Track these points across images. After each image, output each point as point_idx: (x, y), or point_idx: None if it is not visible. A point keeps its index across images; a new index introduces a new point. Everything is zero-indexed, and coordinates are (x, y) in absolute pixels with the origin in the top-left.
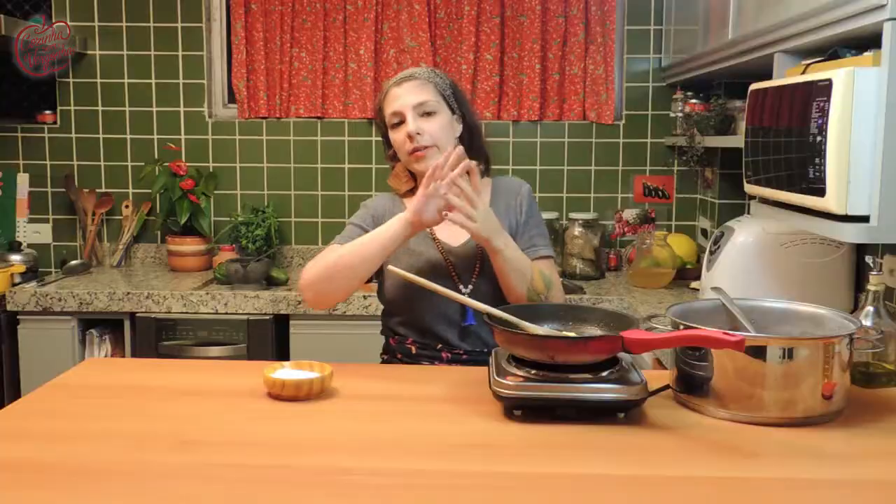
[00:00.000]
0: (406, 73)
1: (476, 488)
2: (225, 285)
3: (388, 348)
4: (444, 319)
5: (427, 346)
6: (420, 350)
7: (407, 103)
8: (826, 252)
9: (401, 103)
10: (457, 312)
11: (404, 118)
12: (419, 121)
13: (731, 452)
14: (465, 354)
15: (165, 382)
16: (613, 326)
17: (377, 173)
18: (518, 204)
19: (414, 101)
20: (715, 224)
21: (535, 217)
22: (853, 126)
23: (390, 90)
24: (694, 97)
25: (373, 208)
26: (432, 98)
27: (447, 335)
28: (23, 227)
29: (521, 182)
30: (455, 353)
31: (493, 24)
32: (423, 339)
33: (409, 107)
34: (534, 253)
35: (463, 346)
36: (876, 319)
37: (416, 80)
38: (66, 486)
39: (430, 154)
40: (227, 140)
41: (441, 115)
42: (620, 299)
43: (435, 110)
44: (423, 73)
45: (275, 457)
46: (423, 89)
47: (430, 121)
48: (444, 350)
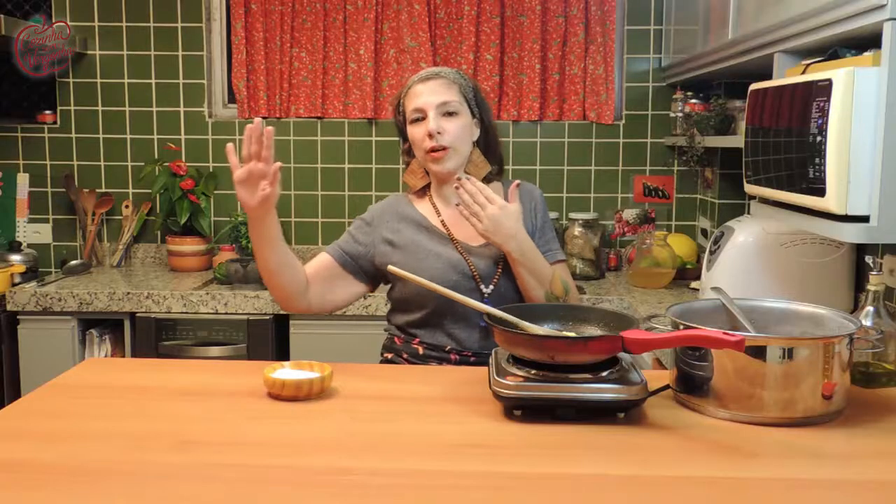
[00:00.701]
0: (433, 71)
1: (476, 488)
2: (225, 285)
3: (392, 347)
4: (464, 320)
5: (436, 347)
6: (428, 350)
7: (431, 101)
8: (826, 252)
9: (424, 100)
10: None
11: (426, 115)
12: (440, 120)
13: (731, 452)
14: (474, 356)
15: (165, 382)
16: (613, 326)
17: (377, 173)
18: (533, 209)
19: (438, 99)
20: (715, 224)
21: (548, 222)
22: (853, 126)
23: (415, 86)
24: (694, 97)
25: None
26: (456, 99)
27: (462, 336)
28: (23, 227)
29: (533, 187)
30: (464, 356)
31: (493, 24)
32: (434, 339)
33: (433, 105)
34: (551, 258)
35: (480, 348)
36: (876, 319)
37: (442, 79)
38: (66, 486)
39: (447, 156)
40: (227, 140)
41: (462, 116)
42: (620, 299)
43: (457, 111)
44: (450, 73)
45: (275, 457)
46: (449, 89)
47: (451, 121)
48: (453, 352)
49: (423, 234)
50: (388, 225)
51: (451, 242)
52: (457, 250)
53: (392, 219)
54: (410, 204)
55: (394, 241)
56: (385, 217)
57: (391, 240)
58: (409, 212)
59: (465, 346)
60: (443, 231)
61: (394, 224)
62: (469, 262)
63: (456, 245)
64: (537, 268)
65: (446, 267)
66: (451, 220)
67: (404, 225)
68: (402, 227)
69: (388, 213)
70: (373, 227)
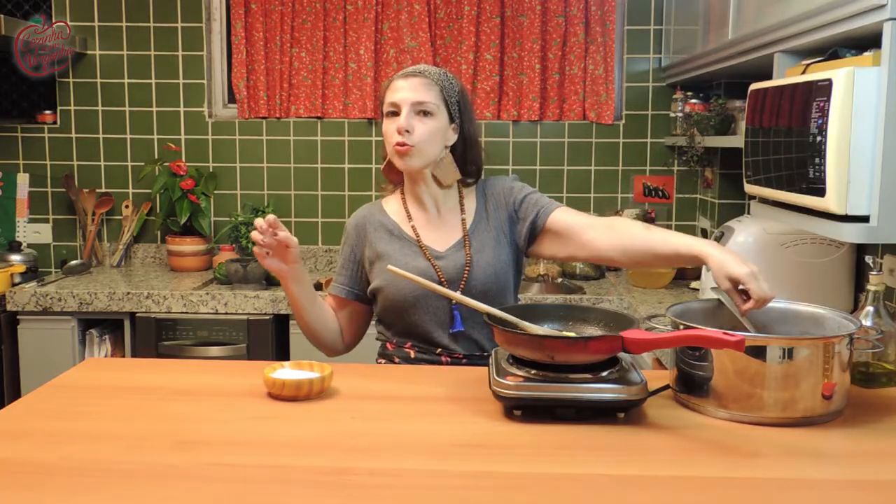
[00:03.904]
0: (416, 69)
1: (476, 488)
2: (225, 285)
3: (385, 353)
4: (438, 324)
5: (427, 350)
6: (419, 354)
7: (406, 98)
8: (826, 252)
9: (401, 96)
10: (447, 317)
11: (399, 111)
12: (413, 118)
13: (731, 452)
14: (465, 358)
15: (165, 382)
16: (613, 326)
17: (377, 173)
18: (505, 195)
19: (414, 98)
20: (715, 224)
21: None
22: (853, 126)
23: (395, 81)
24: (694, 97)
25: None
26: (433, 100)
27: (443, 340)
28: (23, 227)
29: (503, 178)
30: (455, 358)
31: (493, 24)
32: (422, 343)
33: (408, 102)
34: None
35: (457, 348)
36: (876, 319)
37: (424, 77)
38: (66, 486)
39: (412, 154)
40: (227, 140)
41: (437, 119)
42: (620, 299)
43: (432, 112)
44: (433, 72)
45: (275, 457)
46: (428, 90)
47: (424, 122)
48: (443, 354)
49: (394, 243)
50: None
51: (419, 250)
52: (425, 256)
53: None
54: (383, 211)
55: (373, 256)
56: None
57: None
58: (382, 220)
59: (451, 349)
60: (412, 237)
61: (371, 236)
62: (436, 267)
63: (424, 251)
64: None
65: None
66: (420, 224)
67: (378, 236)
68: (376, 239)
69: (361, 228)
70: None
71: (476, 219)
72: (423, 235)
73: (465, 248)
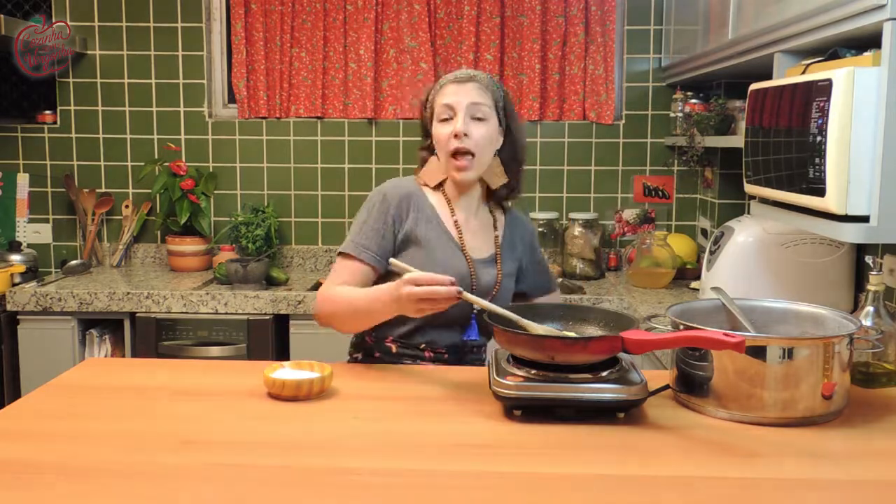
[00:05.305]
0: (468, 74)
1: (476, 488)
2: (225, 285)
3: (361, 346)
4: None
5: (409, 345)
6: (401, 349)
7: (462, 101)
8: (826, 252)
9: (457, 99)
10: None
11: (455, 114)
12: (469, 123)
13: (731, 452)
14: (448, 354)
15: (165, 382)
16: (613, 326)
17: (377, 173)
18: (529, 242)
19: (470, 100)
20: (715, 224)
21: (543, 258)
22: (853, 126)
23: (448, 85)
24: (694, 97)
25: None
26: (487, 104)
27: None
28: (23, 227)
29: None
30: (438, 353)
31: (493, 24)
32: (409, 339)
33: (465, 105)
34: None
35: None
36: (876, 319)
37: (477, 83)
38: (66, 486)
39: (472, 166)
40: (227, 140)
41: (490, 123)
42: (620, 299)
43: (486, 117)
44: (484, 78)
45: (275, 457)
46: (482, 94)
47: (479, 126)
48: (427, 349)
49: (436, 232)
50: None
51: (461, 252)
52: (466, 259)
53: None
54: (424, 195)
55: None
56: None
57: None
58: (425, 204)
59: (439, 344)
60: (455, 236)
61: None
62: (473, 275)
63: (466, 255)
64: None
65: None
66: (463, 224)
67: (421, 216)
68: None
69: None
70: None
71: (505, 242)
72: (465, 237)
73: (496, 263)
